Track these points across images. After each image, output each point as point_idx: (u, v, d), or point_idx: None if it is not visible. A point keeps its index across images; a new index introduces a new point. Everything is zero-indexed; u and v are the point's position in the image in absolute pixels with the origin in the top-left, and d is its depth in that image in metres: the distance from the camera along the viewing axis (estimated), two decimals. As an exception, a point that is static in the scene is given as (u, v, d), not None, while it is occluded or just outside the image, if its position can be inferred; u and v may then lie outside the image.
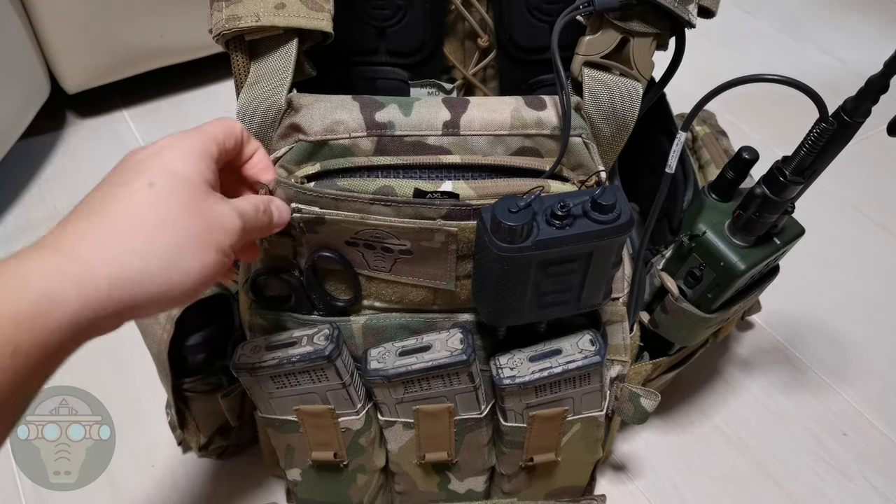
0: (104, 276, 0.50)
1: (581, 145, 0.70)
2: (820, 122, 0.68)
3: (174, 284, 0.55)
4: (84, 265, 0.50)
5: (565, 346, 0.78)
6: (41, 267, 0.48)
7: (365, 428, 0.84)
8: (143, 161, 0.57)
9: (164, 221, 0.54)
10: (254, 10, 0.69)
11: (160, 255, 0.53)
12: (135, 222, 0.53)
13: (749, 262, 0.79)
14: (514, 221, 0.62)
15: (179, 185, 0.56)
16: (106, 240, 0.52)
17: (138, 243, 0.53)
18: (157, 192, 0.55)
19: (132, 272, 0.52)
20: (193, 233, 0.56)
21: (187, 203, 0.56)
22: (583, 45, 0.71)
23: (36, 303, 0.47)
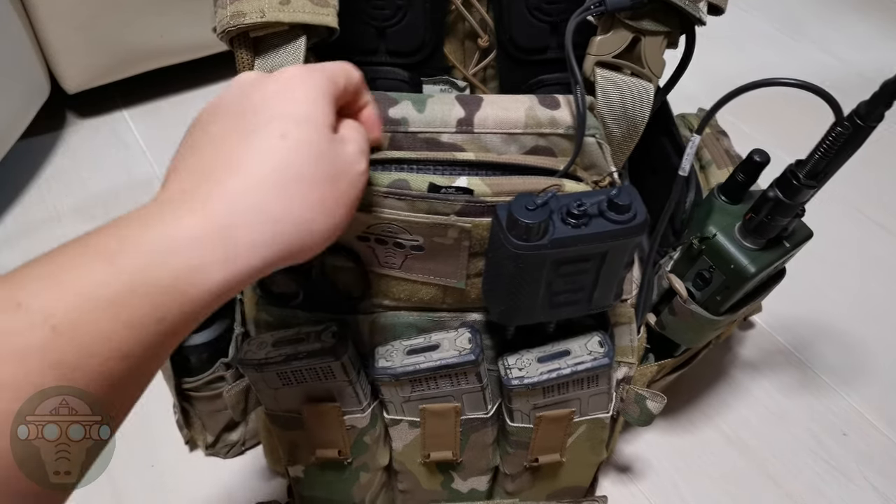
0: (247, 245, 0.50)
1: (595, 145, 0.70)
2: (835, 126, 0.68)
3: (305, 245, 0.54)
4: (227, 233, 0.49)
5: (574, 347, 0.78)
6: (187, 233, 0.48)
7: (370, 426, 0.84)
8: (270, 102, 0.55)
9: (297, 178, 0.52)
10: (259, 6, 0.68)
11: (295, 216, 0.52)
12: (271, 180, 0.51)
13: (759, 264, 0.79)
14: (531, 219, 0.62)
15: (310, 134, 0.54)
16: (245, 201, 0.50)
17: (276, 205, 0.51)
18: (290, 145, 0.52)
19: (269, 236, 0.51)
20: (324, 188, 0.54)
21: (317, 153, 0.54)
22: (594, 44, 0.71)
23: (185, 274, 0.47)
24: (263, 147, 0.52)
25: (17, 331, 0.41)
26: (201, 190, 0.50)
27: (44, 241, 1.35)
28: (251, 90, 0.56)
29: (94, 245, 0.46)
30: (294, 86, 0.55)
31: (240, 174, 0.51)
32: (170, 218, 0.48)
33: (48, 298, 0.43)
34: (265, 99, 0.55)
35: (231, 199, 0.50)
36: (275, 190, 0.51)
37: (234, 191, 0.50)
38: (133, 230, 0.47)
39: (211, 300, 0.49)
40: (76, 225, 1.41)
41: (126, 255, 0.45)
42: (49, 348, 0.41)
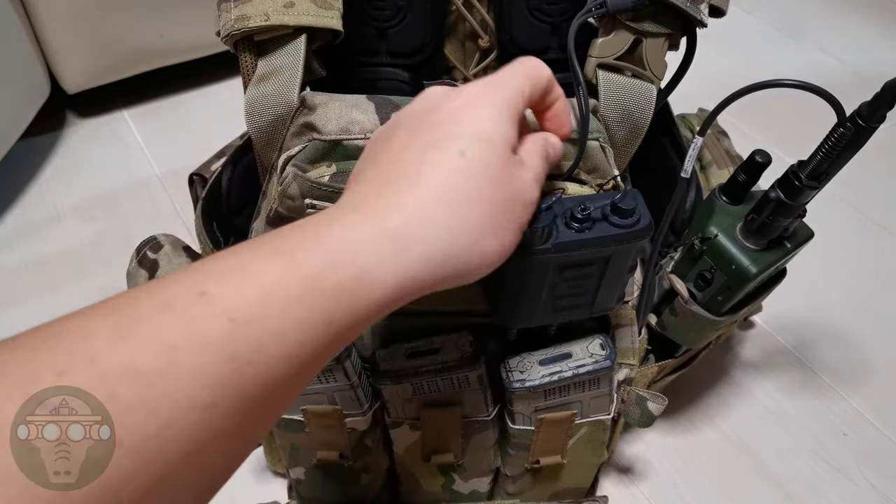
0: (418, 258, 0.50)
1: (598, 149, 0.69)
2: (837, 127, 0.68)
3: (472, 267, 0.54)
4: (402, 244, 0.49)
5: (576, 349, 0.78)
6: (362, 239, 0.48)
7: (371, 428, 0.84)
8: (453, 118, 0.54)
9: (474, 198, 0.52)
10: (263, 9, 0.68)
11: (466, 236, 0.52)
12: (447, 196, 0.51)
13: (761, 265, 0.79)
14: (535, 224, 0.62)
15: (490, 155, 0.53)
16: (421, 214, 0.50)
17: (450, 222, 0.51)
18: (469, 163, 0.52)
19: (441, 253, 0.51)
20: (497, 211, 0.54)
21: (495, 176, 0.53)
22: (596, 46, 0.71)
23: (357, 279, 0.47)
24: (442, 163, 0.52)
25: (198, 318, 0.42)
26: (379, 200, 0.51)
27: (44, 241, 1.36)
28: (436, 105, 0.56)
29: (272, 245, 0.47)
30: (478, 103, 0.55)
31: (416, 186, 0.51)
32: (347, 224, 0.49)
33: (229, 291, 0.44)
34: (448, 115, 0.55)
35: (406, 210, 0.50)
36: (450, 206, 0.51)
37: (410, 202, 0.51)
38: (310, 233, 0.49)
39: (377, 309, 0.49)
40: (76, 225, 1.41)
41: (303, 256, 0.46)
42: (227, 339, 0.42)
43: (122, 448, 0.39)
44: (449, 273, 0.52)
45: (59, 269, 1.33)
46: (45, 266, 1.34)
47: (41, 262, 1.34)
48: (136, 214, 1.43)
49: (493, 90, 0.56)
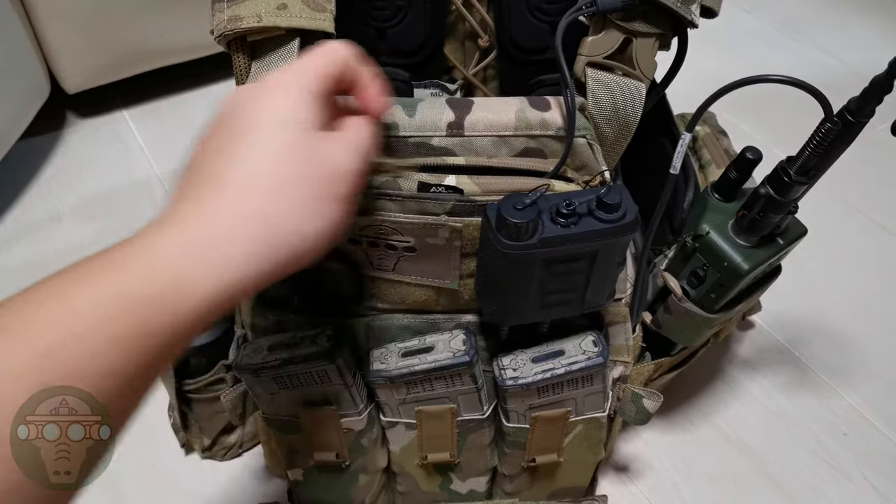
0: (230, 254, 0.50)
1: (585, 146, 0.69)
2: (825, 122, 0.68)
3: (304, 248, 0.53)
4: (210, 246, 0.49)
5: (568, 347, 0.78)
6: (172, 248, 0.48)
7: (367, 428, 0.84)
8: (248, 110, 0.54)
9: (281, 183, 0.52)
10: (256, 10, 0.68)
11: (281, 219, 0.52)
12: (251, 188, 0.51)
13: (753, 262, 0.79)
14: (519, 219, 0.62)
15: (288, 136, 0.53)
16: (222, 211, 0.50)
17: (259, 211, 0.51)
18: (267, 150, 0.52)
19: (255, 242, 0.51)
20: (311, 189, 0.53)
21: (297, 155, 0.53)
22: (586, 45, 0.71)
23: (172, 289, 0.47)
24: (240, 156, 0.52)
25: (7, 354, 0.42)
26: (184, 206, 0.51)
27: (44, 241, 1.36)
28: (237, 103, 0.56)
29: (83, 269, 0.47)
30: (272, 91, 0.55)
31: (217, 186, 0.51)
32: (153, 236, 0.49)
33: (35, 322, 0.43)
34: (247, 109, 0.55)
35: (209, 212, 0.50)
36: (254, 197, 0.51)
37: (213, 203, 0.51)
38: (117, 252, 0.48)
39: (202, 313, 0.49)
40: (76, 225, 1.41)
41: (109, 275, 0.46)
42: (38, 370, 0.42)
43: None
44: (278, 261, 0.52)
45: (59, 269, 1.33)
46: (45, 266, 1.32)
47: (41, 262, 1.35)
48: (136, 214, 1.43)
49: (285, 76, 0.56)
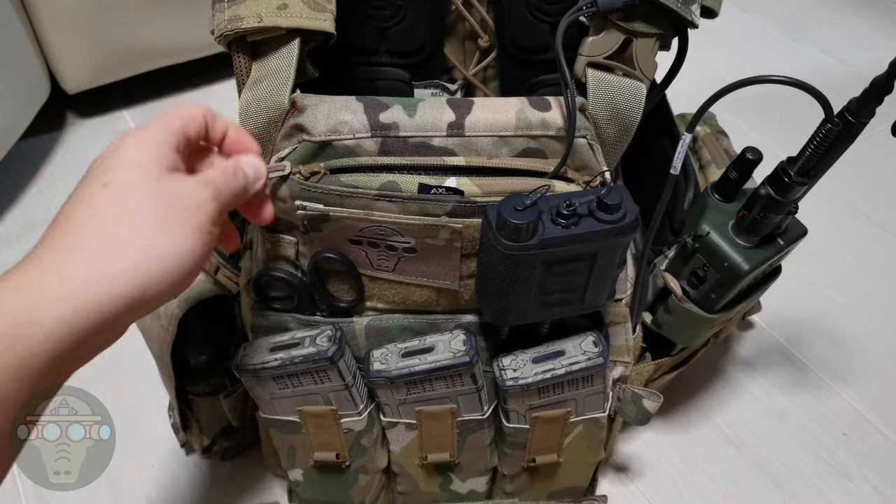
0: (79, 285, 0.49)
1: (585, 146, 0.69)
2: (825, 122, 0.68)
3: (154, 276, 0.52)
4: (57, 277, 0.49)
5: (568, 347, 0.78)
6: (19, 286, 0.49)
7: (367, 429, 0.84)
8: (103, 160, 0.56)
9: (124, 215, 0.52)
10: (256, 10, 0.68)
11: (131, 251, 0.52)
12: (97, 224, 0.52)
13: (753, 262, 0.79)
14: (520, 220, 0.62)
15: (135, 175, 0.54)
16: (74, 248, 0.51)
17: (106, 244, 0.51)
18: (113, 188, 0.53)
19: (107, 274, 0.50)
20: (158, 218, 0.53)
21: (146, 190, 0.54)
22: (586, 45, 0.71)
23: (15, 324, 0.47)
24: (90, 196, 0.53)
25: None
26: (41, 247, 0.51)
27: (44, 242, 1.36)
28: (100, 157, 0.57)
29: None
30: (125, 142, 0.56)
31: (68, 223, 0.52)
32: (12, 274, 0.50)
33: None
34: (102, 160, 0.56)
35: (61, 247, 0.51)
36: (100, 232, 0.52)
37: (64, 239, 0.51)
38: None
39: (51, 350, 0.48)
40: (76, 225, 1.41)
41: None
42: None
43: None
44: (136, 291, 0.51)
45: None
46: (46, 266, 1.34)
47: (41, 262, 1.34)
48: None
49: (138, 130, 0.58)
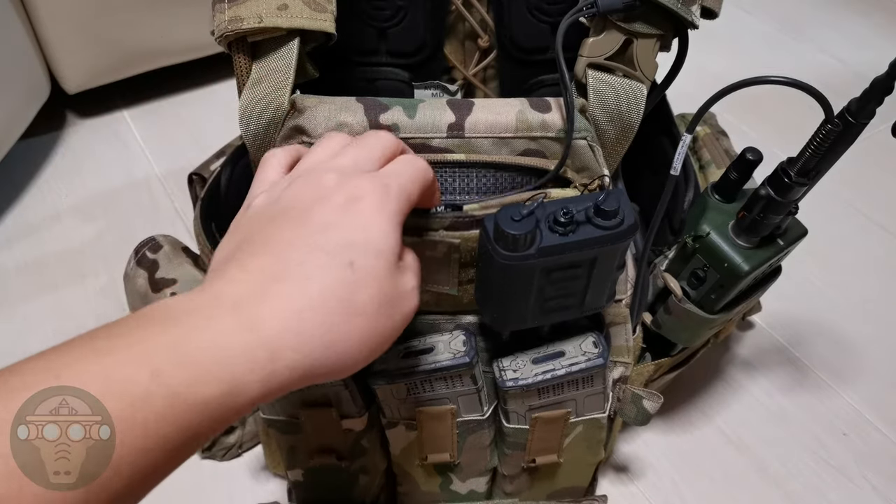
0: (287, 367, 0.48)
1: (586, 147, 0.69)
2: (825, 123, 0.68)
3: (340, 371, 0.52)
4: (274, 355, 0.48)
5: (568, 348, 0.78)
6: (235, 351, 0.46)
7: (367, 429, 0.84)
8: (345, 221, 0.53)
9: (357, 312, 0.51)
10: (256, 11, 0.68)
11: (342, 347, 0.51)
12: (331, 310, 0.50)
13: (753, 262, 0.79)
14: (517, 230, 0.62)
15: (378, 268, 0.52)
16: (300, 325, 0.49)
17: (328, 333, 0.50)
18: (357, 276, 0.51)
19: (312, 361, 0.50)
20: (378, 323, 0.53)
21: (381, 290, 0.53)
22: (586, 46, 0.71)
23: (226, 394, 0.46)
24: (330, 272, 0.51)
25: None
26: (257, 301, 0.49)
27: (44, 242, 1.37)
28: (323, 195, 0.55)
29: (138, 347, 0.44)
30: (370, 209, 0.54)
31: (298, 293, 0.50)
32: (220, 330, 0.47)
33: None
34: (334, 214, 0.53)
35: (285, 319, 0.49)
36: (331, 320, 0.50)
37: (290, 310, 0.49)
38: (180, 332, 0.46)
39: (240, 415, 0.48)
40: (76, 225, 1.42)
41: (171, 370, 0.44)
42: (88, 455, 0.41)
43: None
44: (315, 377, 0.51)
45: (59, 269, 1.34)
46: (45, 266, 1.34)
47: (41, 262, 1.35)
48: (136, 214, 1.44)
49: (385, 195, 0.55)
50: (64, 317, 1.26)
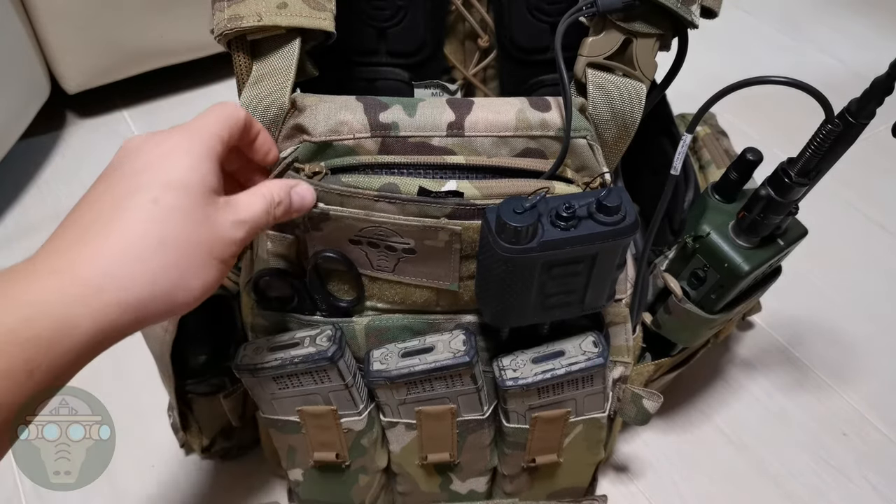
0: (115, 303, 0.51)
1: (585, 147, 0.69)
2: (826, 123, 0.68)
3: (178, 302, 0.55)
4: (96, 292, 0.50)
5: (568, 347, 0.78)
6: (57, 290, 0.49)
7: (367, 429, 0.84)
8: (146, 168, 0.56)
9: (169, 242, 0.54)
10: (256, 9, 0.68)
11: (165, 277, 0.53)
12: (141, 244, 0.53)
13: (753, 263, 0.79)
14: (519, 223, 0.62)
15: (183, 199, 0.55)
16: (115, 263, 0.52)
17: (146, 267, 0.52)
18: (161, 210, 0.54)
19: (140, 295, 0.52)
20: (197, 250, 0.55)
21: (191, 218, 0.55)
22: (586, 46, 0.71)
23: (54, 328, 0.48)
24: (135, 212, 0.54)
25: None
26: (72, 251, 0.52)
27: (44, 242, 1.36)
28: (135, 154, 0.58)
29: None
30: (176, 152, 0.57)
31: (109, 237, 0.53)
32: (42, 274, 0.50)
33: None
34: (147, 163, 0.57)
35: (100, 259, 0.51)
36: (145, 253, 0.53)
37: (104, 251, 0.52)
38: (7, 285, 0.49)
39: (79, 354, 0.50)
40: (76, 225, 1.41)
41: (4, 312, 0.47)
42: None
43: None
44: (151, 312, 0.54)
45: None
46: (46, 266, 1.34)
47: (41, 262, 1.34)
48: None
49: (190, 138, 0.58)
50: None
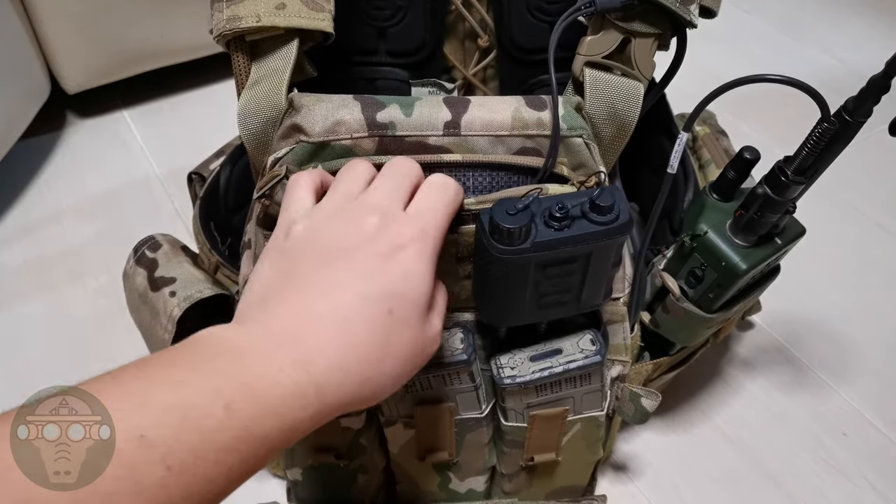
0: (330, 403, 0.52)
1: (582, 145, 0.70)
2: (822, 121, 0.68)
3: (369, 402, 0.57)
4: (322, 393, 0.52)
5: (566, 345, 0.78)
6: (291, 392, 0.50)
7: (366, 428, 0.84)
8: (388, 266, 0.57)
9: (389, 354, 0.55)
10: (254, 10, 0.68)
11: (374, 382, 0.55)
12: (369, 350, 0.54)
13: (750, 262, 0.79)
14: (512, 224, 0.62)
15: (412, 315, 0.57)
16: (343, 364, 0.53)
17: (365, 372, 0.54)
18: (394, 323, 0.56)
19: (349, 397, 0.54)
20: (406, 363, 0.57)
21: (413, 336, 0.57)
22: (584, 45, 0.71)
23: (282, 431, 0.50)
24: (370, 318, 0.55)
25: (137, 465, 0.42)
26: (306, 340, 0.53)
27: (44, 241, 1.37)
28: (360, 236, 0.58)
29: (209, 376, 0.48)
30: (409, 260, 0.58)
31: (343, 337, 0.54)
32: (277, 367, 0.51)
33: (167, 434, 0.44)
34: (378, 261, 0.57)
35: (331, 359, 0.53)
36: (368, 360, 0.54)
37: (336, 352, 0.53)
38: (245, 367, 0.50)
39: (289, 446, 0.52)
40: (76, 225, 1.42)
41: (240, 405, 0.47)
42: (162, 485, 0.43)
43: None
44: (347, 410, 0.55)
45: (59, 269, 1.34)
46: (45, 266, 1.34)
47: (41, 262, 1.35)
48: (136, 214, 1.44)
49: (424, 241, 0.59)
50: (64, 316, 1.26)
